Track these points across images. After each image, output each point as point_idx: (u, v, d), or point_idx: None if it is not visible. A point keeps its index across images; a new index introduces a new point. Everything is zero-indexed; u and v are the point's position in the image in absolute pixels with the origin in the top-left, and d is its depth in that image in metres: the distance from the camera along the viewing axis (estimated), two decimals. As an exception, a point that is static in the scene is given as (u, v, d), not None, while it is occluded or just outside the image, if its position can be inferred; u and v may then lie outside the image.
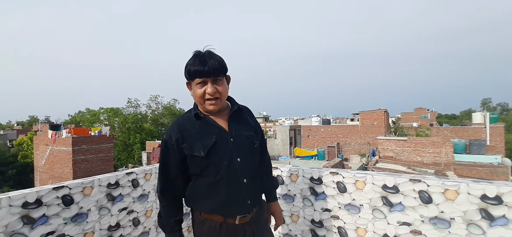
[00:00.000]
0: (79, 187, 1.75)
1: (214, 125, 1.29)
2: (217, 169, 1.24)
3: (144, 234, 2.16)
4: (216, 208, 1.26)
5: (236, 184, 1.26)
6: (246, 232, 1.30)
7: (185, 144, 1.25)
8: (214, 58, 1.25)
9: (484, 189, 1.46)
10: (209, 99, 1.25)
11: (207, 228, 1.28)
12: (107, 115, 36.88)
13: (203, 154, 1.22)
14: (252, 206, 1.31)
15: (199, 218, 1.31)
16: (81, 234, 1.75)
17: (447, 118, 56.18)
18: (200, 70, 1.22)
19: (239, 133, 1.31)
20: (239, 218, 1.28)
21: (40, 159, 20.80)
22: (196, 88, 1.26)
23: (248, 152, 1.32)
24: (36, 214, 1.55)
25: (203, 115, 1.31)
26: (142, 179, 2.16)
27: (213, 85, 1.24)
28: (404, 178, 1.65)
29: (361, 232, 1.78)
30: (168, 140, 1.29)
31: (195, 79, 1.25)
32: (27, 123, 61.59)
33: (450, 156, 15.35)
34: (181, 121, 1.33)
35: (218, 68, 1.24)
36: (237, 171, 1.26)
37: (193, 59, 1.25)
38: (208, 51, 1.27)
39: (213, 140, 1.25)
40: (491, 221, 1.45)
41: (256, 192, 1.36)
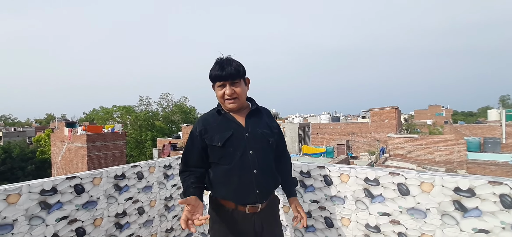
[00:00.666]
0: (89, 177, 1.96)
1: (232, 120, 1.47)
2: (231, 158, 1.41)
3: (148, 222, 2.35)
4: (228, 194, 1.43)
5: (247, 174, 1.41)
6: (255, 222, 1.44)
7: (207, 135, 1.44)
8: (231, 65, 1.43)
9: (457, 182, 1.55)
10: (228, 99, 1.44)
11: (221, 213, 1.46)
12: (120, 112, 37.89)
13: (220, 144, 1.41)
14: (261, 197, 1.43)
15: (215, 203, 1.49)
16: (91, 220, 1.96)
17: (464, 115, 54.55)
18: (219, 74, 1.41)
19: (254, 129, 1.47)
20: (249, 207, 1.42)
21: (57, 155, 21.71)
22: (218, 89, 1.46)
23: (261, 147, 1.46)
24: (52, 200, 1.76)
25: (224, 112, 1.50)
26: (146, 171, 2.35)
27: (231, 87, 1.42)
28: (384, 171, 1.76)
29: (346, 222, 1.90)
30: (194, 131, 1.49)
31: (216, 82, 1.45)
32: (44, 120, 64.06)
33: (463, 154, 15.01)
34: (206, 116, 1.53)
35: (234, 73, 1.42)
36: (249, 162, 1.41)
37: (214, 65, 1.44)
38: (227, 58, 1.46)
39: (230, 133, 1.43)
40: (464, 212, 1.54)
41: (266, 184, 1.47)
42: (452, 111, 51.40)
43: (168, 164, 2.55)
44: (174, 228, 2.60)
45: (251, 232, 1.45)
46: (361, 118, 38.13)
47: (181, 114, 42.48)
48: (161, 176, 2.47)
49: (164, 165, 2.51)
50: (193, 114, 45.60)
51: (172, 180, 2.58)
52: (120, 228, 2.14)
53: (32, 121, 69.49)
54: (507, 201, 1.44)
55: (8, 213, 1.58)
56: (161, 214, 2.47)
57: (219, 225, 1.46)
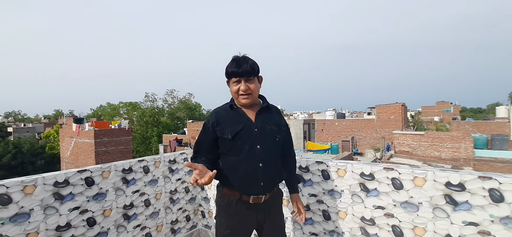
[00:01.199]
0: (99, 170, 2.07)
1: (243, 115, 1.56)
2: (239, 151, 1.50)
3: (154, 214, 2.47)
4: (234, 184, 1.51)
5: (253, 166, 1.50)
6: (258, 212, 1.54)
7: (218, 127, 1.53)
8: (247, 62, 1.52)
9: (448, 177, 1.62)
10: (242, 95, 1.52)
11: (226, 201, 1.55)
12: (126, 109, 38.36)
13: (230, 137, 1.50)
14: (265, 189, 1.52)
15: (222, 193, 1.59)
16: (101, 210, 2.08)
17: (472, 112, 53.67)
18: (235, 71, 1.50)
19: (263, 125, 1.56)
20: (253, 197, 1.51)
21: (66, 151, 22.18)
22: (233, 85, 1.54)
23: (268, 143, 1.55)
24: (64, 191, 1.88)
25: (236, 107, 1.59)
26: (152, 166, 2.46)
27: (246, 84, 1.51)
28: (379, 166, 1.83)
29: (342, 215, 1.98)
30: (207, 123, 1.59)
31: (231, 78, 1.54)
32: (53, 116, 65.23)
33: (470, 151, 14.86)
34: (219, 109, 1.62)
35: (250, 70, 1.51)
36: (255, 155, 1.50)
37: (231, 62, 1.53)
38: (244, 56, 1.55)
39: (240, 127, 1.52)
40: (455, 206, 1.61)
41: (270, 177, 1.55)
42: (461, 107, 50.62)
43: (173, 159, 2.65)
44: (179, 220, 2.72)
45: (254, 221, 1.55)
46: (367, 114, 37.85)
47: (186, 110, 42.78)
48: (166, 170, 2.58)
49: (169, 160, 2.61)
50: (198, 110, 45.88)
51: (177, 174, 2.69)
52: (128, 219, 2.26)
53: (40, 117, 70.88)
54: (496, 195, 1.50)
55: (25, 203, 1.70)
56: (167, 206, 2.59)
57: (225, 212, 1.57)
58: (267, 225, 1.58)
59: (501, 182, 1.48)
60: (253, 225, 1.57)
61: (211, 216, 2.84)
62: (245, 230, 1.57)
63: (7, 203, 1.64)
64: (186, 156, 2.79)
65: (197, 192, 2.91)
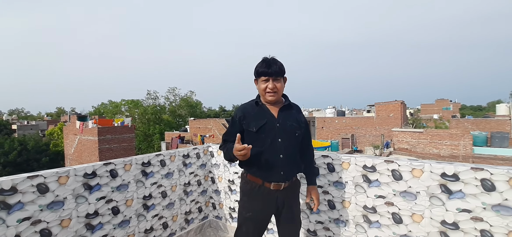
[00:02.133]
0: (122, 163, 2.25)
1: (267, 111, 1.73)
2: (262, 143, 1.66)
3: (170, 205, 2.65)
4: (257, 172, 1.69)
5: (275, 157, 1.67)
6: (278, 198, 1.71)
7: (245, 121, 1.71)
8: (276, 64, 1.69)
9: (443, 168, 1.78)
10: (269, 92, 1.69)
11: (250, 187, 1.73)
12: (128, 106, 38.54)
13: (255, 130, 1.67)
14: (285, 177, 1.69)
15: (245, 179, 1.77)
16: (124, 200, 2.25)
17: (472, 109, 53.75)
18: (266, 71, 1.67)
19: (285, 122, 1.72)
20: (273, 184, 1.68)
21: (70, 148, 22.39)
22: (261, 83, 1.70)
23: (288, 137, 1.71)
24: (93, 182, 2.05)
25: (261, 103, 1.75)
26: (168, 160, 2.63)
27: (273, 83, 1.68)
28: (380, 159, 2.00)
29: (346, 204, 2.15)
30: (234, 117, 1.77)
31: (261, 77, 1.70)
32: (55, 114, 65.47)
33: (469, 148, 15.02)
34: (245, 105, 1.79)
35: (278, 71, 1.69)
36: (276, 148, 1.67)
37: (262, 62, 1.70)
38: (273, 57, 1.72)
39: (264, 121, 1.69)
40: (449, 194, 1.78)
41: (289, 167, 1.71)
42: (460, 105, 50.72)
43: (186, 154, 2.83)
44: (192, 211, 2.89)
45: (274, 205, 1.72)
46: (367, 112, 38.00)
47: (188, 108, 42.98)
48: (180, 164, 2.76)
49: (183, 155, 2.79)
50: (199, 108, 46.08)
51: (190, 168, 2.86)
52: (147, 209, 2.43)
53: (43, 114, 71.12)
54: (488, 185, 1.66)
55: (60, 192, 1.88)
56: (181, 198, 2.76)
57: (247, 197, 1.75)
58: (285, 210, 1.74)
59: (492, 172, 1.65)
60: (273, 209, 1.73)
61: (221, 207, 3.02)
62: (266, 213, 1.74)
63: (45, 192, 1.81)
64: (198, 151, 2.96)
65: (208, 185, 3.09)
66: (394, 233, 1.96)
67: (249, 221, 1.73)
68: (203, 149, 3.04)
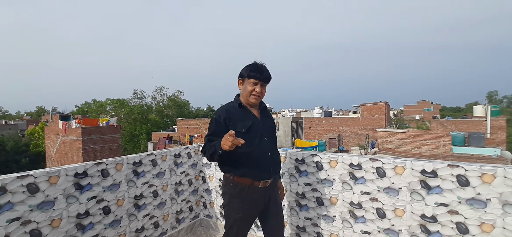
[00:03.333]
0: (113, 163, 2.25)
1: (250, 113, 1.82)
2: (251, 142, 1.71)
3: (161, 204, 2.66)
4: (247, 172, 1.73)
5: (264, 156, 1.78)
6: (265, 194, 1.80)
7: (231, 122, 1.74)
8: (267, 71, 1.79)
9: (423, 165, 1.91)
10: (255, 95, 1.77)
11: (239, 189, 1.75)
12: (113, 106, 37.60)
13: (244, 130, 1.72)
14: (273, 174, 1.82)
15: (232, 182, 1.77)
16: (115, 200, 2.25)
17: (452, 110, 55.98)
18: (258, 75, 1.74)
19: (265, 121, 1.87)
20: (262, 182, 1.75)
21: (51, 148, 21.61)
22: (249, 85, 1.76)
23: (271, 135, 1.87)
24: (84, 182, 2.05)
25: (243, 105, 1.82)
26: (159, 159, 2.64)
27: (261, 88, 1.78)
28: (365, 157, 2.11)
29: (334, 201, 2.25)
30: (218, 118, 1.76)
31: (250, 79, 1.75)
32: (35, 113, 62.91)
33: (448, 148, 15.68)
34: (228, 107, 1.82)
35: (268, 78, 1.80)
36: (265, 146, 1.78)
37: (254, 66, 1.76)
38: (263, 64, 1.80)
39: (250, 122, 1.77)
40: (428, 190, 1.90)
41: (276, 163, 1.88)
42: (441, 106, 52.78)
43: (178, 153, 2.85)
44: (183, 210, 2.92)
45: (262, 201, 1.80)
46: (352, 113, 38.85)
47: (176, 108, 42.43)
48: (172, 163, 2.77)
49: (174, 154, 2.81)
50: (187, 108, 45.58)
51: (181, 168, 2.88)
52: (138, 208, 2.44)
53: (22, 114, 68.11)
54: (462, 180, 1.80)
55: (50, 192, 1.87)
56: (172, 197, 2.78)
57: (237, 198, 1.76)
58: (272, 203, 1.85)
59: (466, 169, 1.78)
60: (261, 205, 1.80)
61: (212, 206, 3.05)
62: (255, 210, 1.81)
63: (35, 192, 1.80)
64: (189, 151, 2.98)
65: (199, 185, 3.12)
66: (378, 227, 2.07)
67: (240, 221, 1.77)
68: (194, 148, 3.07)
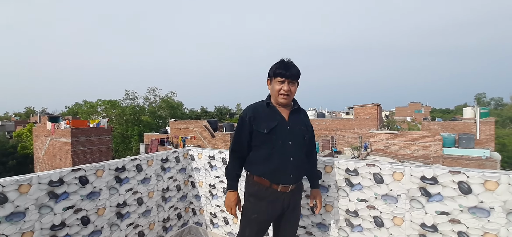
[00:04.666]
0: (93, 169, 2.09)
1: (278, 113, 1.71)
2: (273, 144, 1.64)
3: (146, 212, 2.50)
4: (266, 173, 1.65)
5: (285, 159, 1.66)
6: (284, 200, 1.69)
7: (255, 122, 1.67)
8: (294, 67, 1.69)
9: (423, 171, 1.81)
10: (283, 94, 1.67)
11: (256, 188, 1.69)
12: (105, 107, 36.91)
13: (266, 132, 1.64)
14: (294, 180, 1.68)
15: (252, 181, 1.72)
16: (95, 209, 2.09)
17: (442, 112, 57.00)
18: (283, 73, 1.65)
19: (294, 125, 1.72)
20: (281, 186, 1.65)
21: (40, 150, 21.02)
22: (276, 84, 1.68)
23: (297, 140, 1.71)
24: (59, 190, 1.88)
25: (272, 105, 1.72)
26: (145, 164, 2.49)
27: (289, 85, 1.67)
28: (362, 163, 2.00)
29: (329, 208, 2.14)
30: (244, 116, 1.71)
31: (277, 78, 1.67)
32: (24, 114, 61.41)
33: (439, 149, 15.86)
34: (255, 105, 1.74)
35: (295, 74, 1.68)
36: (287, 150, 1.66)
37: (280, 63, 1.68)
38: (290, 60, 1.71)
39: (275, 123, 1.67)
40: (429, 197, 1.80)
41: (298, 170, 1.72)
42: (431, 108, 53.65)
43: (165, 158, 2.69)
44: (170, 218, 2.76)
45: (280, 207, 1.69)
46: (345, 114, 39.09)
47: (169, 109, 41.93)
48: (158, 168, 2.62)
49: (161, 159, 2.65)
50: (181, 109, 45.12)
51: (169, 173, 2.73)
52: (121, 217, 2.28)
53: (11, 115, 66.35)
54: (464, 188, 1.71)
55: (21, 202, 1.70)
56: (159, 204, 2.63)
57: (254, 198, 1.70)
58: (289, 212, 1.73)
59: (468, 175, 1.69)
60: (278, 211, 1.70)
61: (202, 213, 2.91)
62: (271, 214, 1.70)
63: (3, 202, 1.63)
64: (178, 155, 2.84)
65: (188, 190, 2.97)
66: (375, 237, 1.96)
67: (254, 223, 1.71)
68: (183, 152, 2.92)
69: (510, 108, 49.34)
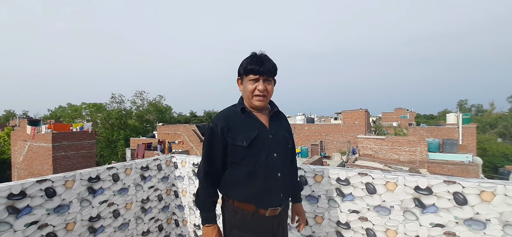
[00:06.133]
0: (61, 180, 1.89)
1: (256, 120, 1.41)
2: (256, 159, 1.34)
3: (123, 225, 2.31)
4: (250, 197, 1.35)
5: (272, 177, 1.36)
6: (274, 225, 1.40)
7: (230, 134, 1.35)
8: (270, 61, 1.39)
9: (417, 181, 1.72)
10: (258, 95, 1.38)
11: (239, 217, 1.37)
12: (90, 110, 35.83)
13: (245, 145, 1.33)
14: (284, 200, 1.41)
15: (232, 207, 1.39)
16: (63, 224, 1.89)
17: (425, 118, 58.54)
18: (256, 68, 1.36)
19: (277, 132, 1.44)
20: (270, 210, 1.36)
21: (18, 155, 20.04)
22: (248, 84, 1.39)
23: (283, 150, 1.44)
24: (20, 205, 1.68)
25: (248, 110, 1.42)
26: (122, 173, 2.30)
27: (264, 84, 1.38)
28: (354, 172, 1.90)
29: (319, 220, 2.02)
30: (214, 127, 1.38)
31: (249, 75, 1.38)
32: (3, 117, 58.80)
33: (425, 154, 16.18)
34: (227, 112, 1.42)
35: (272, 70, 1.39)
36: (273, 165, 1.37)
37: (251, 58, 1.39)
38: (264, 54, 1.41)
39: (255, 133, 1.37)
40: (423, 208, 1.72)
41: (288, 187, 1.45)
42: (416, 114, 55.10)
43: (145, 166, 2.51)
44: (151, 231, 2.57)
45: (270, 234, 1.41)
46: (334, 119, 39.54)
47: (157, 113, 41.17)
48: (138, 177, 2.44)
49: (141, 167, 2.47)
50: (169, 113, 44.39)
51: (149, 182, 2.55)
52: (94, 232, 2.08)
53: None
54: (460, 198, 1.63)
55: (-28, 219, 1.49)
56: (138, 216, 2.43)
57: (238, 230, 1.39)
58: (280, 235, 1.47)
59: (464, 186, 1.61)
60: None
61: (185, 224, 2.73)
62: None
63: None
64: (159, 162, 2.66)
65: (170, 200, 2.79)
66: (368, 250, 1.86)
67: None
68: (166, 159, 2.74)
69: (490, 114, 51.33)
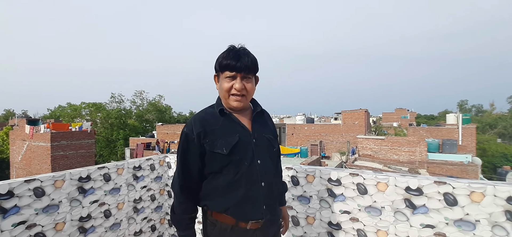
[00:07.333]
0: (51, 180, 1.88)
1: (237, 123, 1.27)
2: (237, 168, 1.21)
3: (115, 225, 2.30)
4: (230, 208, 1.22)
5: (254, 187, 1.23)
6: None
7: (207, 140, 1.21)
8: (248, 56, 1.23)
9: (407, 182, 1.71)
10: (235, 95, 1.23)
11: (218, 230, 1.24)
12: (89, 110, 35.83)
13: (225, 152, 1.19)
14: (268, 212, 1.26)
15: (210, 219, 1.27)
16: (53, 224, 1.88)
17: (426, 118, 58.56)
18: (232, 64, 1.20)
19: (260, 135, 1.30)
20: (251, 223, 1.23)
21: (17, 155, 20.05)
22: (224, 81, 1.23)
23: (268, 155, 1.30)
24: (8, 204, 1.67)
25: (228, 112, 1.27)
26: (114, 173, 2.29)
27: (242, 82, 1.22)
28: (345, 172, 1.89)
29: (311, 220, 2.01)
30: (189, 133, 1.23)
31: (225, 72, 1.23)
32: (2, 117, 58.84)
33: (424, 154, 16.18)
34: (204, 115, 1.27)
35: (250, 66, 1.22)
36: (257, 173, 1.23)
37: (227, 52, 1.23)
38: (243, 47, 1.26)
39: (236, 138, 1.22)
40: (413, 209, 1.70)
41: (272, 198, 1.30)
42: (416, 114, 55.12)
43: (138, 165, 2.50)
44: (143, 231, 2.56)
45: None
46: (334, 119, 39.54)
47: (156, 112, 41.17)
48: (130, 177, 2.42)
49: (133, 166, 2.46)
50: (169, 113, 44.40)
51: (142, 182, 2.54)
52: (84, 233, 2.07)
53: (-13, 117, 63.41)
54: (450, 199, 1.61)
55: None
56: (130, 216, 2.42)
57: None
58: None
59: (454, 186, 1.60)
60: None
61: None
62: None
63: None
64: (152, 162, 2.65)
65: (164, 200, 2.78)
66: (359, 251, 1.84)
67: None
68: (159, 159, 2.73)
69: (490, 114, 51.34)
